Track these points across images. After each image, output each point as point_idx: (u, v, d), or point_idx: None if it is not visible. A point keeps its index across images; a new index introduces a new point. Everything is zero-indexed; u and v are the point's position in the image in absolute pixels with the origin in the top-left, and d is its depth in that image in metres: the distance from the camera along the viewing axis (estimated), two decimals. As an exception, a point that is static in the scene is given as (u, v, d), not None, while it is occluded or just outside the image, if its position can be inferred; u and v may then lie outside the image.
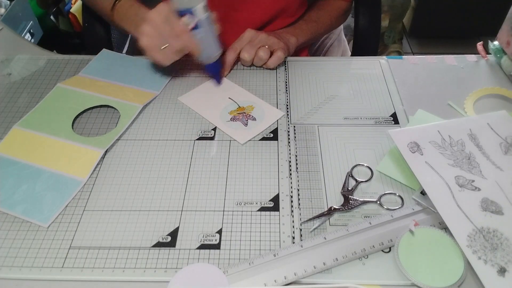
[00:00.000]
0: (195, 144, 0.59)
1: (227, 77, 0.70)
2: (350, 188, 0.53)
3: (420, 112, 0.62)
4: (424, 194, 0.50)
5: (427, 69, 0.71)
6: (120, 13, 0.70)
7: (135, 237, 0.49)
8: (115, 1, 0.70)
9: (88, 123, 0.62)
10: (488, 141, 0.55)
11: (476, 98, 0.65)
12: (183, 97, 0.66)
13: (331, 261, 0.45)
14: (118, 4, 0.70)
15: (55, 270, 0.46)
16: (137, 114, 0.63)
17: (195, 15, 0.59)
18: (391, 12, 1.85)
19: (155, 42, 0.60)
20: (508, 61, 0.69)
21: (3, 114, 0.64)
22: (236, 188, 0.54)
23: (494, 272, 0.43)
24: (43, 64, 0.73)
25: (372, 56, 0.76)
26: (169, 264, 0.46)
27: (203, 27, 0.60)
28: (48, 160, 0.56)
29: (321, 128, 0.61)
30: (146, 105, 0.65)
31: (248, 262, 0.45)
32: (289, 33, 0.75)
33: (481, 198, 0.49)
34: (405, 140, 0.54)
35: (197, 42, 0.61)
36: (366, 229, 0.47)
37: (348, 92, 0.67)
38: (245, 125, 0.61)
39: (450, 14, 1.92)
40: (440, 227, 0.48)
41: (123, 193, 0.53)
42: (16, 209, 0.51)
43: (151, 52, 0.62)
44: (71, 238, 0.49)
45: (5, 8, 1.20)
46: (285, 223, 0.50)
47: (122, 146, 0.59)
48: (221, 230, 0.49)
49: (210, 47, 0.63)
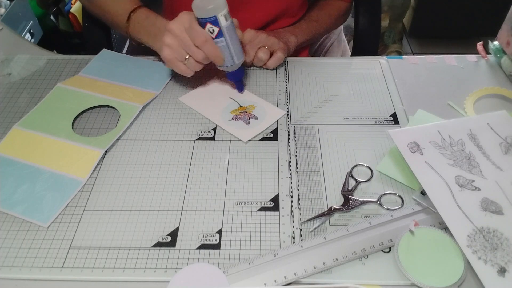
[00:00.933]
0: (195, 144, 0.59)
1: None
2: (350, 188, 0.53)
3: (420, 112, 0.62)
4: (424, 194, 0.50)
5: (427, 69, 0.71)
6: (136, 24, 0.68)
7: (135, 237, 0.49)
8: (130, 12, 0.69)
9: (88, 123, 0.62)
10: (488, 141, 0.55)
11: (476, 98, 0.65)
12: (183, 97, 0.66)
13: (331, 261, 0.45)
14: (133, 15, 0.69)
15: (55, 270, 0.46)
16: (137, 114, 0.63)
17: (218, 23, 0.57)
18: (391, 12, 1.85)
19: (178, 53, 0.60)
20: (508, 61, 0.69)
21: (3, 114, 0.64)
22: (236, 188, 0.54)
23: (494, 272, 0.43)
24: (43, 64, 0.73)
25: (372, 56, 0.76)
26: (169, 264, 0.46)
27: (226, 34, 0.59)
28: (48, 160, 0.56)
29: (321, 128, 0.61)
30: (146, 105, 0.65)
31: (248, 262, 0.45)
32: (289, 32, 0.75)
33: (481, 198, 0.49)
34: (405, 140, 0.54)
35: (221, 50, 0.60)
36: (366, 229, 0.47)
37: (348, 92, 0.67)
38: (247, 124, 0.61)
39: (450, 14, 1.92)
40: (440, 227, 0.48)
41: (123, 193, 0.53)
42: (16, 209, 0.51)
43: (174, 64, 0.61)
44: (71, 238, 0.49)
45: (5, 8, 1.20)
46: (285, 223, 0.50)
47: (122, 146, 0.59)
48: (221, 230, 0.49)
49: (234, 55, 0.61)
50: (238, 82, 0.66)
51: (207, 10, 0.56)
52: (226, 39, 0.59)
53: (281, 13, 0.77)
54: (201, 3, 0.57)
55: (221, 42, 0.59)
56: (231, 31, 0.59)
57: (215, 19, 0.57)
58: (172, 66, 0.62)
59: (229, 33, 0.59)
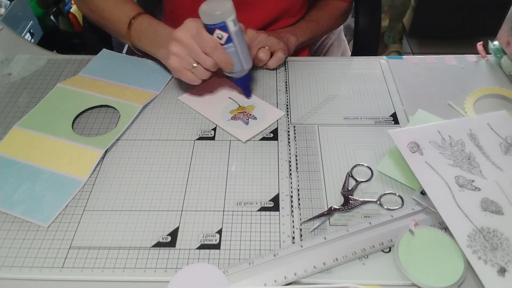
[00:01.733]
0: (195, 144, 0.59)
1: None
2: (350, 188, 0.53)
3: (420, 112, 0.62)
4: (424, 194, 0.50)
5: (427, 69, 0.71)
6: (138, 32, 0.67)
7: (135, 237, 0.49)
8: (131, 19, 0.67)
9: (88, 123, 0.62)
10: (488, 141, 0.55)
11: (476, 98, 0.65)
12: (183, 96, 0.66)
13: (331, 261, 0.45)
14: (134, 22, 0.67)
15: (55, 270, 0.46)
16: (137, 114, 0.63)
17: (227, 29, 0.56)
18: (391, 12, 1.85)
19: (186, 62, 0.58)
20: (508, 61, 0.69)
21: (3, 114, 0.64)
22: (236, 188, 0.54)
23: (494, 272, 0.43)
24: (43, 64, 0.73)
25: (372, 56, 0.76)
26: (169, 264, 0.46)
27: (235, 40, 0.58)
28: (48, 160, 0.56)
29: (321, 128, 0.61)
30: (146, 105, 0.65)
31: (248, 262, 0.45)
32: (289, 32, 0.75)
33: (481, 198, 0.49)
34: (405, 140, 0.54)
35: (230, 57, 0.59)
36: (366, 229, 0.47)
37: (348, 92, 0.67)
38: (246, 124, 0.61)
39: (450, 14, 1.92)
40: (440, 227, 0.48)
41: (123, 193, 0.53)
42: (16, 209, 0.51)
43: (182, 73, 0.59)
44: (71, 238, 0.49)
45: (5, 8, 1.20)
46: (285, 223, 0.50)
47: (122, 146, 0.59)
48: (221, 230, 0.49)
49: (243, 60, 0.60)
50: (246, 87, 0.65)
51: (216, 16, 0.55)
52: (235, 45, 0.58)
53: (281, 13, 0.77)
54: (209, 9, 0.55)
55: (230, 48, 0.58)
56: (240, 37, 0.58)
57: (224, 24, 0.56)
58: (179, 75, 0.61)
59: (237, 39, 0.58)
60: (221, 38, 0.57)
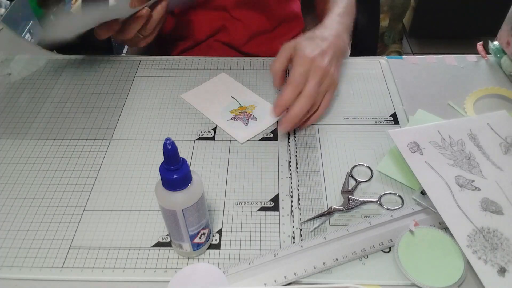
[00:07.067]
0: (195, 144, 0.59)
1: (230, 75, 0.69)
2: (350, 188, 0.53)
3: (420, 112, 0.62)
4: (424, 194, 0.50)
5: (427, 69, 0.71)
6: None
7: (135, 237, 0.49)
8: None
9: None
10: (488, 141, 0.54)
11: (476, 98, 0.65)
12: (185, 94, 0.66)
13: (331, 261, 0.45)
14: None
15: (55, 270, 0.46)
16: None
17: None
18: (391, 12, 1.85)
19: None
20: (508, 61, 0.69)
21: (3, 114, 0.64)
22: (236, 188, 0.54)
23: (494, 272, 0.43)
24: (43, 64, 0.73)
25: (372, 56, 0.76)
26: (169, 264, 0.46)
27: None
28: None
29: (321, 128, 0.61)
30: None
31: (248, 262, 0.45)
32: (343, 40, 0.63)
33: (481, 198, 0.49)
34: (405, 140, 0.54)
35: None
36: (366, 229, 0.47)
37: (348, 92, 0.67)
38: (245, 125, 0.61)
39: (450, 14, 1.92)
40: (440, 227, 0.48)
41: (123, 193, 0.53)
42: None
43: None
44: (71, 238, 0.49)
45: (5, 8, 1.20)
46: (285, 223, 0.50)
47: (122, 146, 0.59)
48: (221, 230, 0.49)
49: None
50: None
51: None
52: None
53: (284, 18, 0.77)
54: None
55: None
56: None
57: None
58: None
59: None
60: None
